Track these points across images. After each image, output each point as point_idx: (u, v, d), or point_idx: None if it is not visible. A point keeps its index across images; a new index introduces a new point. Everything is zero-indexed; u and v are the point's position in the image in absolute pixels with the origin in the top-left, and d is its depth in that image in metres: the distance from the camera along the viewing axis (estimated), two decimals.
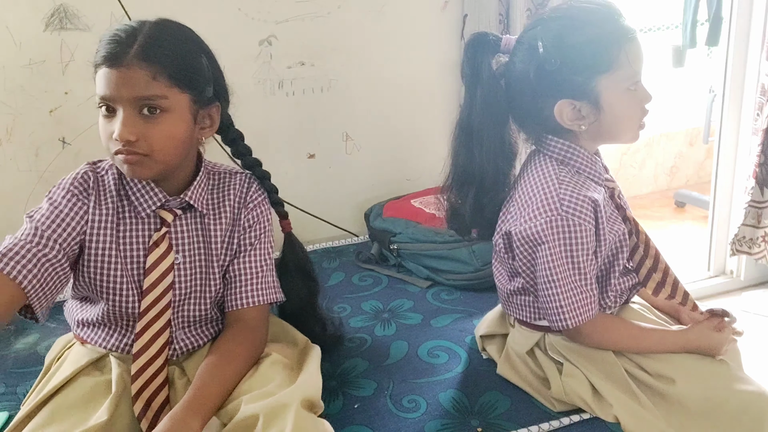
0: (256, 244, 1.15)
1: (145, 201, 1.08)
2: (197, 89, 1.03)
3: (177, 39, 1.02)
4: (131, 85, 0.97)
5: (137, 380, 1.04)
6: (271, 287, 1.15)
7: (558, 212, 1.04)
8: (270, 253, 1.17)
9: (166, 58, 0.99)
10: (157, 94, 0.98)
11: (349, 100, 1.89)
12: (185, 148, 1.05)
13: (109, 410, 0.99)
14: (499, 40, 1.10)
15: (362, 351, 1.33)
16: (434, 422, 1.11)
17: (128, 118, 0.97)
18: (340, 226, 1.97)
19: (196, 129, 1.06)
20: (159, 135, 0.99)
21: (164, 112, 0.99)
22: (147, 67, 0.97)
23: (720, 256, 2.31)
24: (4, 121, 1.64)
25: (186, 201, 1.09)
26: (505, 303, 1.23)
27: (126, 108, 0.97)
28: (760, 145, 1.98)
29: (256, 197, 1.17)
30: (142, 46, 0.97)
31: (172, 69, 0.99)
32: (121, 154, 0.99)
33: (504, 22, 1.85)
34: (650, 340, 1.11)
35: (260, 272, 1.14)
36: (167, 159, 1.02)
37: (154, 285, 1.06)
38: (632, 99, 1.07)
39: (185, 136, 1.03)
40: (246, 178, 1.19)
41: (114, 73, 0.97)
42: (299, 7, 1.77)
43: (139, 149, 0.98)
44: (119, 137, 0.97)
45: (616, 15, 1.04)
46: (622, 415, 1.05)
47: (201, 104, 1.05)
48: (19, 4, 1.57)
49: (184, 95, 1.01)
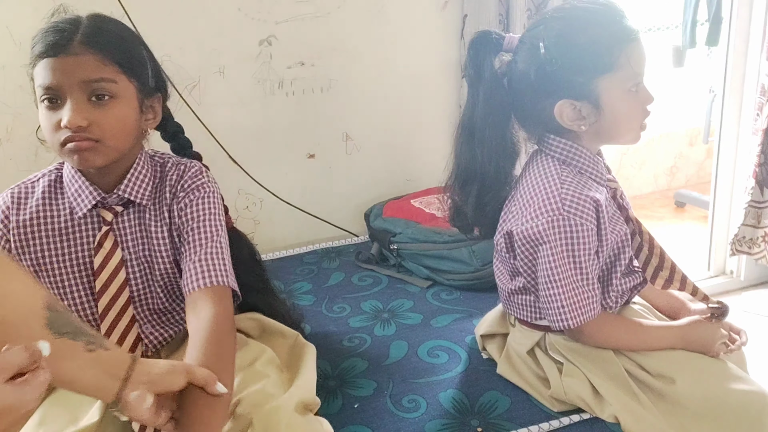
0: (195, 226, 1.07)
1: (79, 203, 1.05)
2: (142, 78, 1.03)
3: (118, 29, 1.03)
4: (80, 70, 0.96)
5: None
6: (220, 270, 1.04)
7: (560, 212, 1.04)
8: (214, 237, 1.07)
9: (112, 45, 0.98)
10: (108, 78, 0.97)
11: (349, 100, 1.89)
12: (134, 136, 1.05)
13: (100, 411, 0.99)
14: (502, 38, 1.10)
15: (362, 351, 1.33)
16: (434, 422, 1.11)
17: (78, 104, 0.96)
18: (340, 226, 1.97)
19: (141, 119, 1.05)
20: (110, 120, 0.98)
21: (114, 98, 0.98)
22: (95, 52, 0.96)
23: (720, 256, 2.30)
24: (4, 121, 1.64)
25: (124, 197, 1.06)
26: (505, 302, 1.23)
27: (74, 94, 0.96)
28: (760, 145, 1.98)
29: (192, 182, 1.10)
30: (87, 34, 0.97)
31: (119, 56, 0.99)
32: (71, 142, 0.97)
33: (504, 22, 1.85)
34: (649, 336, 1.11)
35: (206, 255, 1.05)
36: (118, 145, 1.01)
37: (106, 285, 1.05)
38: (633, 100, 1.06)
39: (134, 123, 1.03)
40: (189, 165, 1.12)
41: (60, 61, 0.96)
42: (299, 7, 1.77)
43: (90, 134, 0.97)
44: (69, 123, 0.95)
45: (618, 15, 1.04)
46: (622, 415, 1.05)
47: (145, 94, 1.05)
48: (19, 4, 1.57)
49: (131, 83, 1.01)
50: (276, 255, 1.83)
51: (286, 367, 1.12)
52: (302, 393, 1.01)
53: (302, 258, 1.80)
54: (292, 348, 1.18)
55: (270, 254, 1.83)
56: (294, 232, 1.94)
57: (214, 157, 1.78)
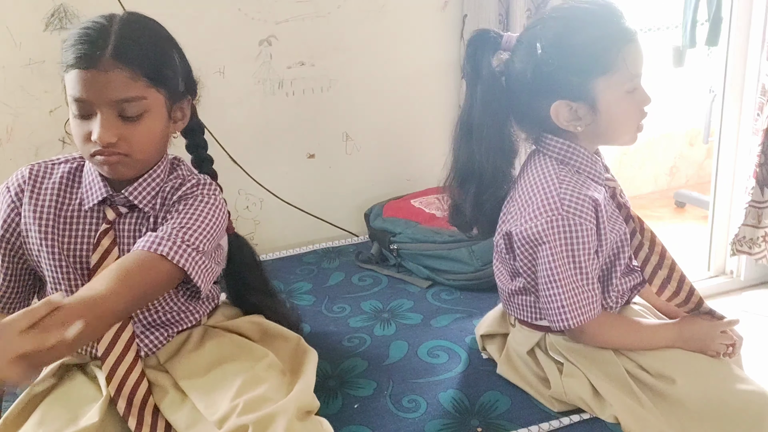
0: (176, 215, 1.02)
1: (89, 195, 1.06)
2: (172, 86, 1.03)
3: (150, 36, 1.01)
4: (110, 88, 0.95)
5: (112, 380, 1.02)
6: (177, 245, 0.97)
7: (559, 212, 1.04)
8: (199, 221, 1.01)
9: (143, 59, 0.97)
10: (137, 96, 0.97)
11: (349, 100, 1.89)
12: (163, 143, 1.06)
13: (100, 412, 0.98)
14: (500, 37, 1.10)
15: (362, 351, 1.33)
16: (434, 422, 1.11)
17: (107, 121, 0.96)
18: (340, 226, 1.97)
19: (170, 124, 1.06)
20: (139, 136, 0.99)
21: (144, 113, 0.99)
22: (124, 69, 0.95)
23: (720, 256, 2.30)
24: (4, 121, 1.64)
25: (129, 199, 1.05)
26: (506, 303, 1.23)
27: (104, 110, 0.96)
28: (760, 145, 1.98)
29: (185, 192, 1.05)
30: (117, 46, 0.95)
31: (149, 69, 0.98)
32: (100, 155, 0.98)
33: (504, 22, 1.85)
34: (648, 334, 1.11)
35: (173, 229, 0.99)
36: (146, 157, 1.03)
37: None
38: (630, 101, 1.06)
39: (162, 133, 1.04)
40: (188, 178, 1.09)
41: (89, 75, 0.95)
42: (299, 7, 1.77)
43: (120, 150, 0.98)
44: (100, 140, 0.96)
45: (616, 16, 1.04)
46: (622, 415, 1.05)
47: (175, 100, 1.05)
48: (19, 4, 1.57)
49: (160, 94, 1.01)
50: (276, 255, 1.83)
51: (288, 371, 1.11)
52: (301, 397, 1.01)
53: (302, 258, 1.80)
54: (294, 351, 1.17)
55: (270, 254, 1.83)
56: (294, 232, 1.94)
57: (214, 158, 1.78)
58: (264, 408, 0.93)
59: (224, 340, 1.13)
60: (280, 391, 1.01)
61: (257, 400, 0.95)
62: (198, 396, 1.01)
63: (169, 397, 1.04)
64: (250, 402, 0.95)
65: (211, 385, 1.02)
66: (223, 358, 1.08)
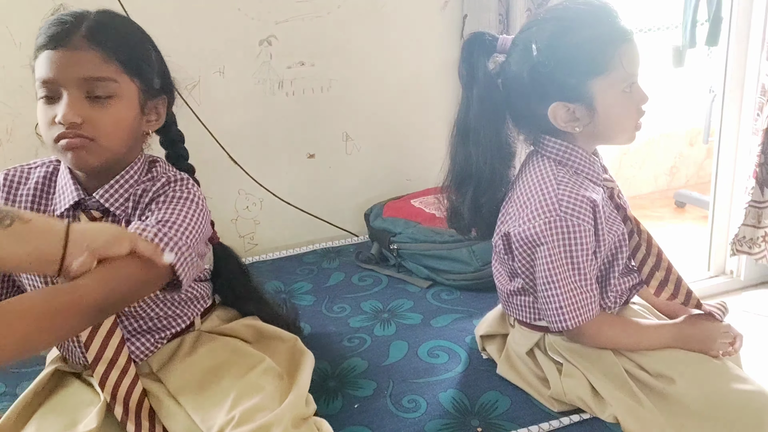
0: (155, 208, 0.99)
1: (61, 200, 1.01)
2: (146, 79, 1.00)
3: (127, 27, 1.00)
4: (80, 65, 0.92)
5: (105, 386, 1.00)
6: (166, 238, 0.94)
7: (557, 213, 1.04)
8: (172, 219, 0.97)
9: (117, 43, 0.95)
10: (108, 77, 0.94)
11: (349, 100, 1.89)
12: (132, 137, 1.00)
13: (98, 418, 0.97)
14: (496, 40, 1.10)
15: (362, 351, 1.33)
16: (434, 422, 1.11)
17: (74, 100, 0.92)
18: (340, 226, 1.97)
19: (142, 121, 1.02)
20: (106, 120, 0.94)
21: (113, 97, 0.95)
22: (97, 49, 0.93)
23: (720, 256, 2.31)
24: (4, 121, 1.64)
25: (101, 202, 1.01)
26: (505, 303, 1.23)
27: (72, 90, 0.92)
28: (760, 145, 1.98)
29: (157, 193, 1.02)
30: (91, 28, 0.93)
31: (123, 54, 0.95)
32: (64, 139, 0.93)
33: (504, 22, 1.85)
34: (647, 335, 1.11)
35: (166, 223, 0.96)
36: (113, 146, 0.97)
37: None
38: (627, 101, 1.06)
39: (132, 125, 0.99)
40: (158, 176, 1.05)
41: (60, 54, 0.92)
42: (299, 7, 1.77)
43: (84, 132, 0.93)
44: (63, 119, 0.91)
45: (611, 16, 1.03)
46: (621, 415, 1.05)
47: (149, 95, 1.01)
48: (19, 4, 1.57)
49: (133, 83, 0.98)
50: (276, 255, 1.83)
51: (285, 373, 1.10)
52: (297, 403, 1.00)
53: (302, 258, 1.80)
54: (291, 352, 1.16)
55: (270, 254, 1.83)
56: (294, 232, 1.94)
57: (214, 158, 1.79)
58: (259, 418, 0.92)
59: (217, 345, 1.10)
60: (275, 399, 0.99)
61: (252, 411, 0.94)
62: (193, 409, 1.00)
63: (164, 406, 1.03)
64: (246, 413, 0.93)
65: (206, 398, 1.00)
66: (217, 365, 1.06)
